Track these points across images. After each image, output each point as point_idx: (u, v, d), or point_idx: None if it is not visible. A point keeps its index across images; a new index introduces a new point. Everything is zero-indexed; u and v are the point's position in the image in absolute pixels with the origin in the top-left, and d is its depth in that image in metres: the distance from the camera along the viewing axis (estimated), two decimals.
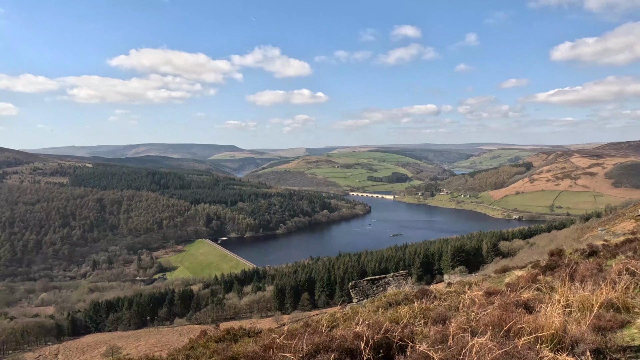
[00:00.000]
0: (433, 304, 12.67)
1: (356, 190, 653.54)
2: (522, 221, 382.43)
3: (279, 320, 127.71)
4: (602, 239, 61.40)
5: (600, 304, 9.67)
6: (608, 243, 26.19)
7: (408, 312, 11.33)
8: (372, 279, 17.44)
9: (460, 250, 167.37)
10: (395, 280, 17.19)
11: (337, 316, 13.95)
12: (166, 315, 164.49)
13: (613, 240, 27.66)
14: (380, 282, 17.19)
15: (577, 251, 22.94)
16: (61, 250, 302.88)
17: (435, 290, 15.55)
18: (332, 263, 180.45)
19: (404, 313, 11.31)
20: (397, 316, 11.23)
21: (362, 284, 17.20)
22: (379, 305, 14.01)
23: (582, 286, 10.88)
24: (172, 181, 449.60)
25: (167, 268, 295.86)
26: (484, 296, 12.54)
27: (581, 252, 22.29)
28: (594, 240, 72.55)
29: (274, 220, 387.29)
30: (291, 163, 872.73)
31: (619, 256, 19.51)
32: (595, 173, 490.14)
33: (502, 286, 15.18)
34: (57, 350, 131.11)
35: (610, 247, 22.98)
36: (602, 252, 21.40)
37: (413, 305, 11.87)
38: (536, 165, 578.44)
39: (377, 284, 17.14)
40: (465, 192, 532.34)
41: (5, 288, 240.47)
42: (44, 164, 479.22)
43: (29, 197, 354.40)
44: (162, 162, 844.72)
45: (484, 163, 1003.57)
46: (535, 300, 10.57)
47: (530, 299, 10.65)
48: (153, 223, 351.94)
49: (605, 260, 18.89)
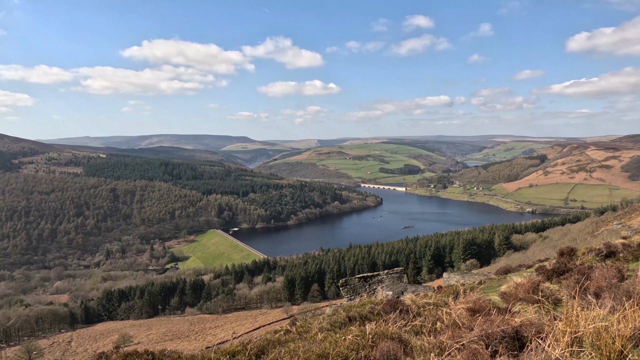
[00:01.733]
0: (396, 324, 10.12)
1: (368, 182, 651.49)
2: (535, 214, 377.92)
3: (289, 311, 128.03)
4: (618, 234, 59.79)
5: (625, 337, 6.31)
6: (629, 241, 22.38)
7: (352, 342, 8.83)
8: (365, 277, 16.47)
9: (471, 243, 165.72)
10: (390, 278, 16.23)
11: (276, 337, 11.66)
12: (177, 304, 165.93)
13: (635, 237, 23.83)
14: (373, 280, 16.22)
15: (592, 251, 19.37)
16: (75, 240, 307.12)
17: (410, 302, 13.16)
18: (342, 254, 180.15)
19: (346, 343, 8.81)
20: (335, 348, 8.59)
21: (353, 281, 16.20)
22: (336, 320, 11.56)
23: (597, 303, 8.34)
24: (185, 172, 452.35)
25: (179, 258, 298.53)
26: (467, 313, 10.14)
27: (597, 252, 18.71)
28: (609, 235, 70.79)
29: (285, 211, 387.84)
30: (303, 154, 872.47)
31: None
32: (612, 166, 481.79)
33: (496, 295, 13.23)
34: (70, 338, 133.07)
35: (632, 246, 19.04)
36: (622, 254, 17.90)
37: (365, 328, 9.57)
38: (551, 158, 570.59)
39: (369, 282, 16.17)
40: (478, 185, 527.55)
41: (21, 276, 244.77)
42: (59, 154, 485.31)
43: (44, 187, 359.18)
44: (175, 153, 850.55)
45: (498, 155, 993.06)
46: (532, 326, 7.73)
47: (525, 324, 7.89)
48: (165, 213, 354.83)
49: (627, 264, 16.15)
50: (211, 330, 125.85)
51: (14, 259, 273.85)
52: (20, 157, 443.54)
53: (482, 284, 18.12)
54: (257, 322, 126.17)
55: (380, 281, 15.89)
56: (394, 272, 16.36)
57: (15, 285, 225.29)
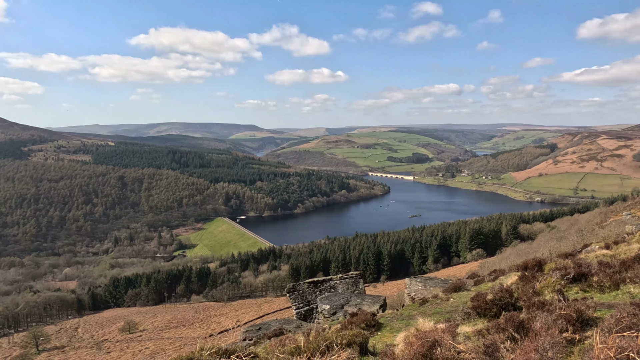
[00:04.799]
0: None
1: (375, 170, 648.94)
2: (544, 204, 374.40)
3: None
4: (626, 224, 58.32)
5: None
6: (613, 253, 17.11)
7: None
8: (315, 282, 15.16)
9: (478, 232, 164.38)
10: (343, 284, 14.96)
11: None
12: (183, 292, 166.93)
13: (622, 249, 17.37)
14: (324, 286, 14.92)
15: (558, 270, 13.91)
16: (84, 227, 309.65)
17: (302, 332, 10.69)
18: (347, 243, 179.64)
19: None
20: None
21: (302, 287, 14.87)
22: None
23: None
24: (192, 160, 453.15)
25: (187, 245, 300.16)
26: None
27: (562, 273, 13.48)
28: (617, 226, 69.31)
29: (292, 199, 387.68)
30: (310, 143, 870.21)
31: (623, 287, 12.37)
32: (623, 155, 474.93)
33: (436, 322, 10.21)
34: (77, 324, 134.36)
35: (612, 265, 13.86)
36: (595, 277, 13.07)
37: None
38: (561, 147, 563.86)
39: (320, 288, 14.89)
40: (486, 174, 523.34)
41: (30, 262, 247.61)
42: (68, 142, 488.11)
43: (53, 174, 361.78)
44: (183, 141, 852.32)
45: (507, 144, 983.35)
46: None
47: None
48: (173, 201, 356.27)
49: (601, 294, 12.19)
50: (216, 318, 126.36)
51: (23, 246, 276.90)
52: (29, 145, 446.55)
53: (417, 307, 14.55)
54: (262, 310, 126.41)
55: (333, 287, 14.70)
56: (349, 277, 15.03)
57: (25, 272, 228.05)
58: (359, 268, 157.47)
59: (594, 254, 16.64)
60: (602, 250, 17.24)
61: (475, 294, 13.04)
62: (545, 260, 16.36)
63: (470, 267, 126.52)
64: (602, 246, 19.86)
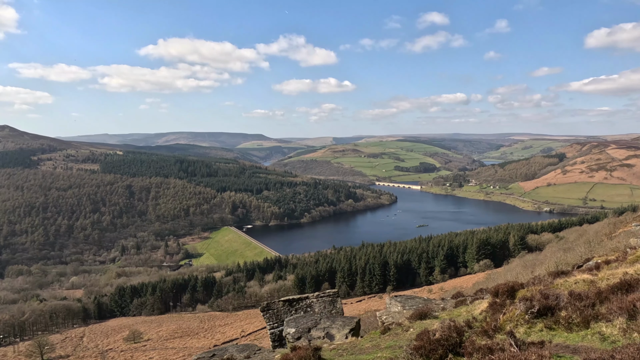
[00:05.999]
0: None
1: (382, 180, 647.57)
2: (553, 214, 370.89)
3: None
4: (635, 236, 57.33)
5: None
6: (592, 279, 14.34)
7: None
8: (291, 300, 14.71)
9: (486, 243, 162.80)
10: (320, 302, 14.44)
11: None
12: (189, 301, 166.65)
13: (604, 273, 14.67)
14: (300, 305, 14.44)
15: (524, 301, 11.96)
16: (91, 235, 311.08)
17: None
18: (354, 253, 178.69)
19: None
20: None
21: (277, 306, 14.44)
22: None
23: None
24: (200, 169, 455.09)
25: (193, 254, 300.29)
26: None
27: (527, 306, 11.64)
28: (626, 237, 68.22)
29: (299, 209, 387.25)
30: (318, 152, 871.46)
31: (594, 325, 10.52)
32: (633, 165, 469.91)
33: None
34: (82, 333, 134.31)
35: (586, 297, 11.68)
36: (564, 312, 11.20)
37: None
38: (569, 157, 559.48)
39: (295, 307, 14.43)
40: (494, 183, 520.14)
41: (38, 271, 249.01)
42: (77, 151, 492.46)
43: (62, 183, 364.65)
44: (191, 150, 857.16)
45: (515, 154, 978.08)
46: None
47: None
48: (180, 210, 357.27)
49: (568, 334, 10.50)
50: (220, 328, 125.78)
51: (31, 254, 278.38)
52: (39, 154, 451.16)
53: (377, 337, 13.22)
54: None
55: (309, 305, 14.23)
56: (325, 295, 14.48)
57: (33, 280, 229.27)
58: (365, 278, 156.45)
59: (573, 278, 14.29)
60: (582, 275, 14.66)
61: (420, 332, 11.58)
62: (519, 285, 14.36)
63: (477, 277, 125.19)
64: (604, 260, 18.79)
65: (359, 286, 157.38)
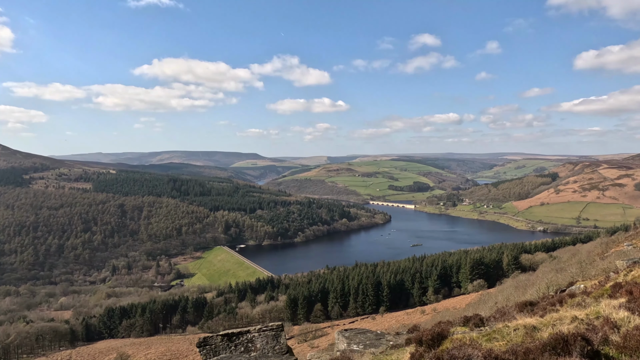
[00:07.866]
0: None
1: (376, 199, 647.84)
2: (546, 233, 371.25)
3: (289, 332, 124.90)
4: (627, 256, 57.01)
5: None
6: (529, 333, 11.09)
7: None
8: (230, 335, 13.62)
9: (479, 262, 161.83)
10: (262, 337, 13.49)
11: None
12: (179, 322, 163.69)
13: (549, 318, 12.14)
14: (240, 340, 13.40)
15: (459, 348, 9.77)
16: (82, 255, 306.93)
17: None
18: (347, 273, 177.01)
19: None
20: None
21: (214, 341, 13.26)
22: None
23: None
24: (193, 188, 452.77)
25: (185, 274, 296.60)
26: None
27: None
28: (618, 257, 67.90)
29: (293, 228, 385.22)
30: (312, 171, 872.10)
31: None
32: (625, 184, 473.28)
33: None
34: (69, 356, 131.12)
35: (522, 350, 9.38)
36: None
37: None
38: (562, 176, 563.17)
39: (235, 342, 13.47)
40: (488, 203, 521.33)
41: (26, 291, 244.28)
42: (69, 169, 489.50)
43: (53, 202, 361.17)
44: (185, 169, 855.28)
45: (509, 173, 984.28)
46: None
47: None
48: (172, 229, 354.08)
49: None
50: None
51: (20, 274, 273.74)
52: (31, 173, 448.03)
53: None
54: None
55: (251, 340, 13.31)
56: (268, 329, 13.49)
57: (20, 301, 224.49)
58: (358, 299, 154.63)
59: (515, 322, 11.48)
60: (526, 319, 11.77)
61: None
62: (445, 334, 11.83)
63: (471, 298, 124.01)
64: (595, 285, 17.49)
65: (352, 307, 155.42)
